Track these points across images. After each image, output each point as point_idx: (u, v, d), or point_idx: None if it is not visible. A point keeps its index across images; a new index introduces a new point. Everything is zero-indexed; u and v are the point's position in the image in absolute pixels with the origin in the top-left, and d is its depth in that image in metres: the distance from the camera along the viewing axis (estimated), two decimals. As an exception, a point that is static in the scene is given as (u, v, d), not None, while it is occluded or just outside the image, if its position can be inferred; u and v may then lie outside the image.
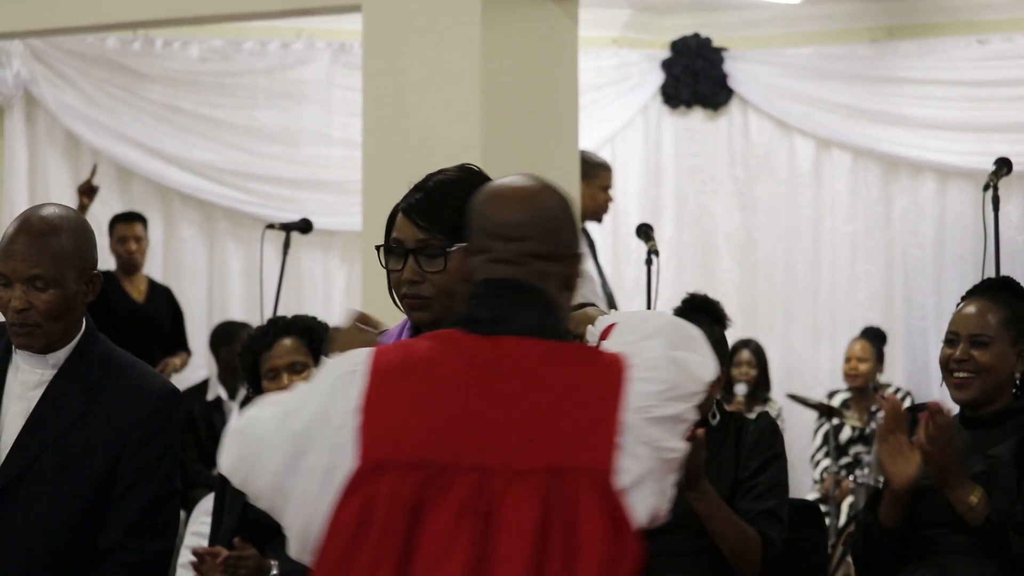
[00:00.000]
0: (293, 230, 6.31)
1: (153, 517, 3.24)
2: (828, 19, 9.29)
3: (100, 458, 3.21)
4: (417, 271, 2.88)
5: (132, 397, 3.25)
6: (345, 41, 8.98)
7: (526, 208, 2.45)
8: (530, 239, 2.43)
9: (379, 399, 2.36)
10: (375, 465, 2.32)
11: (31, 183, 8.88)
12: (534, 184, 2.50)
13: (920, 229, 9.12)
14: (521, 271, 2.43)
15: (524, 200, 2.46)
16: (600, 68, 9.34)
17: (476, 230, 2.47)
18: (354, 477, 2.32)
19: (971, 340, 3.87)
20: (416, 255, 2.89)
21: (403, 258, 2.91)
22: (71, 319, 3.24)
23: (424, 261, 2.88)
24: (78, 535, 3.21)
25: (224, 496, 4.68)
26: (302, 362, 4.62)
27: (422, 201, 2.97)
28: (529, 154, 6.06)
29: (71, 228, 3.22)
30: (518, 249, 2.42)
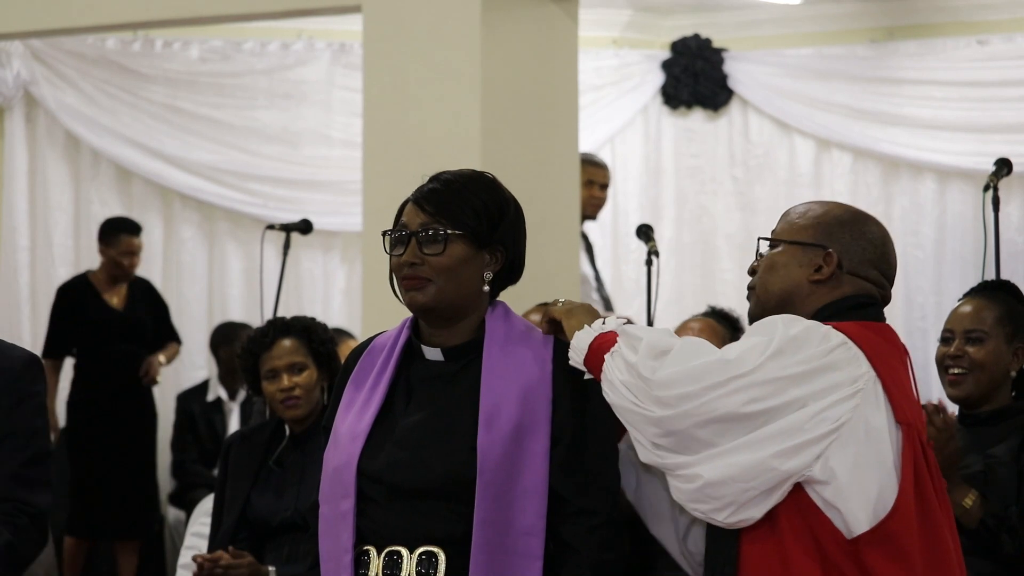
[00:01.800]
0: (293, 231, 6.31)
1: (31, 473, 3.47)
2: (828, 19, 9.28)
3: None
4: (417, 253, 2.97)
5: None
6: (345, 42, 8.98)
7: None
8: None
9: (886, 371, 2.88)
10: (908, 426, 2.88)
11: (31, 184, 8.88)
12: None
13: (920, 229, 9.12)
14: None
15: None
16: (600, 68, 9.34)
17: (874, 262, 3.09)
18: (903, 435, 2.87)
19: (965, 336, 3.88)
20: (417, 237, 2.98)
21: (405, 243, 2.99)
22: None
23: (425, 243, 2.97)
24: None
25: (223, 497, 4.69)
26: (301, 362, 4.62)
27: (433, 189, 3.07)
28: (529, 154, 6.06)
29: None
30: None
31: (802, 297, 3.03)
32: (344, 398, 3.07)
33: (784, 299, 3.02)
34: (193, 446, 8.60)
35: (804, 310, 3.00)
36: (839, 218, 3.07)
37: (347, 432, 3.01)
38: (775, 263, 3.06)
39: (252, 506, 4.60)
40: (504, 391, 2.92)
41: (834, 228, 3.06)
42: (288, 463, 4.64)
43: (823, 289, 3.02)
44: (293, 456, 4.64)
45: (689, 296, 8.77)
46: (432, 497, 2.92)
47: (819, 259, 3.02)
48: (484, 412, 2.90)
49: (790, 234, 3.06)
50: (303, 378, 4.61)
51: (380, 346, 3.07)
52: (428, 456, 2.93)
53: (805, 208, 3.10)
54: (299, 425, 4.65)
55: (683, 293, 8.95)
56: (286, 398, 4.59)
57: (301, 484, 4.58)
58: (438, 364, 3.02)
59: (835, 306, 3.01)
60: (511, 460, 2.88)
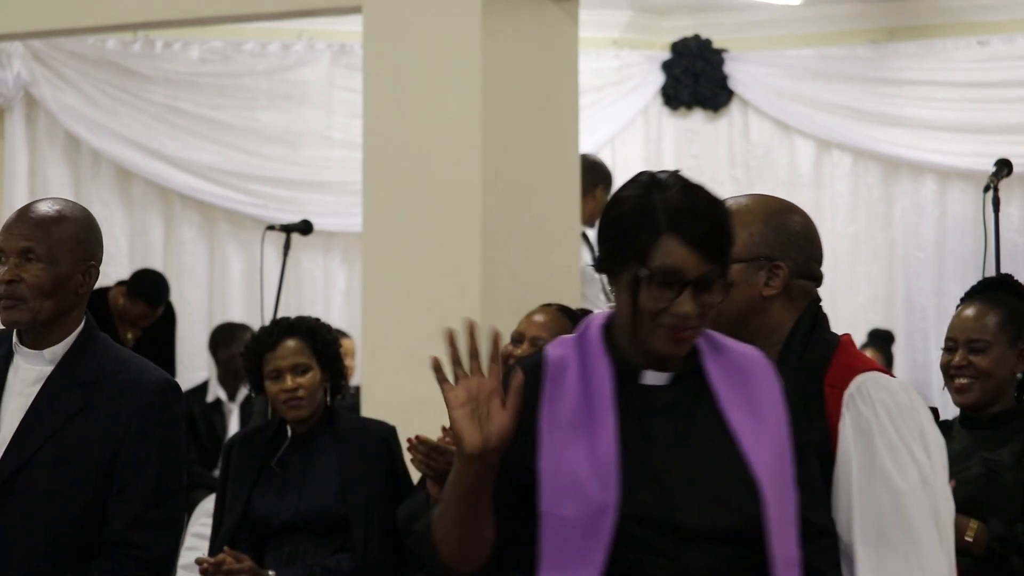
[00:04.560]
0: (293, 231, 6.31)
1: (157, 512, 3.22)
2: (828, 20, 9.29)
3: (98, 452, 3.20)
4: (699, 303, 2.59)
5: (130, 391, 3.24)
6: (345, 42, 8.98)
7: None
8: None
9: None
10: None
11: (31, 184, 8.87)
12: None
13: (921, 230, 9.13)
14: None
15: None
16: (600, 69, 9.34)
17: (811, 256, 2.91)
18: None
19: (968, 345, 3.87)
20: (697, 287, 2.59)
21: (676, 289, 2.58)
22: (62, 303, 3.24)
23: (703, 290, 2.59)
24: (78, 530, 3.20)
25: (224, 498, 4.68)
26: (305, 364, 4.62)
27: (711, 232, 2.63)
28: (529, 155, 6.05)
29: (75, 216, 3.27)
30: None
31: (758, 315, 2.91)
32: (545, 427, 2.57)
33: (739, 320, 2.89)
34: (193, 447, 8.59)
35: (764, 328, 2.90)
36: (773, 224, 2.95)
37: (581, 469, 2.54)
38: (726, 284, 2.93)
39: (253, 507, 4.59)
40: (751, 416, 2.65)
41: (773, 235, 2.94)
42: (290, 464, 4.64)
43: (778, 303, 2.91)
44: (295, 457, 4.64)
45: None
46: (718, 540, 2.55)
47: (765, 272, 2.91)
48: (746, 441, 2.60)
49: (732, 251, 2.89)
50: (307, 379, 4.61)
51: (561, 364, 2.63)
52: (712, 494, 2.56)
53: (735, 215, 2.89)
54: (301, 426, 4.65)
55: (683, 294, 8.94)
56: (289, 398, 4.59)
57: (302, 485, 4.59)
58: (662, 390, 2.62)
59: (805, 325, 2.93)
60: (779, 490, 2.61)
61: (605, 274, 2.64)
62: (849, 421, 2.79)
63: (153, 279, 8.19)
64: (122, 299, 8.04)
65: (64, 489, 3.19)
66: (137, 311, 8.04)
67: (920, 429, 2.79)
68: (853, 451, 2.76)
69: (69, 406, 3.22)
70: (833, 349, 2.89)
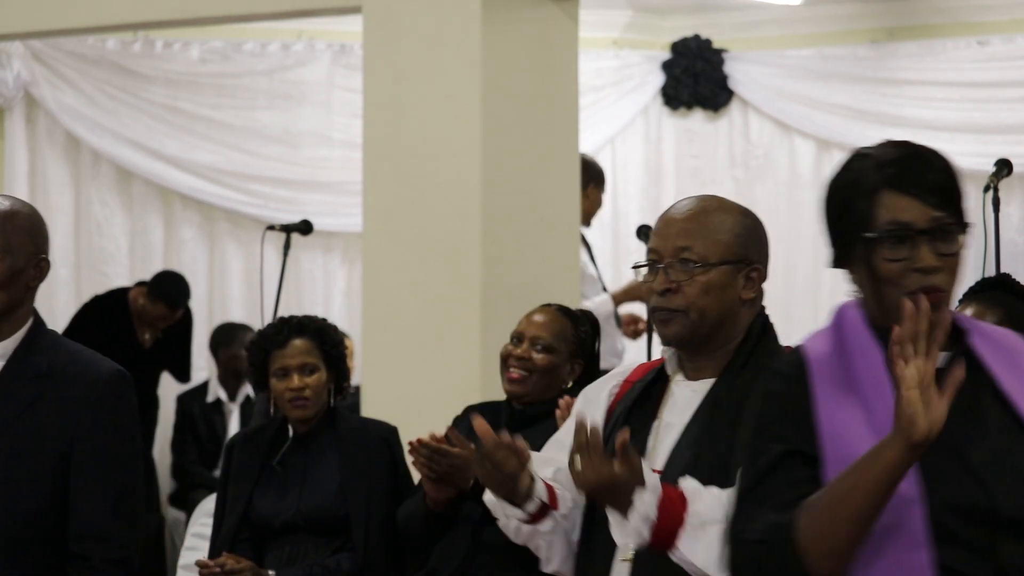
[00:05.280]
0: (293, 231, 6.31)
1: (123, 504, 3.23)
2: (828, 20, 9.28)
3: (52, 444, 3.20)
4: (938, 254, 2.37)
5: (82, 382, 3.25)
6: (345, 42, 8.97)
7: None
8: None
9: None
10: None
11: (31, 184, 8.87)
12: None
13: (920, 230, 9.12)
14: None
15: None
16: (600, 69, 9.34)
17: (767, 258, 2.94)
18: None
19: None
20: (932, 238, 2.37)
21: (909, 244, 2.37)
22: (15, 296, 3.25)
23: (942, 243, 2.37)
24: (38, 522, 3.20)
25: (225, 497, 4.69)
26: (313, 364, 4.62)
27: (931, 178, 2.41)
28: (529, 155, 6.05)
29: (26, 211, 3.30)
30: None
31: (734, 318, 2.92)
32: (824, 413, 2.37)
33: (719, 323, 2.90)
34: (193, 447, 8.60)
35: (734, 332, 2.91)
36: (748, 226, 2.96)
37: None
38: (711, 285, 2.91)
39: (254, 507, 4.60)
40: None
41: (749, 237, 2.94)
42: (291, 464, 4.64)
43: (746, 307, 2.93)
44: (296, 457, 4.64)
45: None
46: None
47: (745, 275, 2.92)
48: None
49: (718, 252, 2.92)
50: (313, 379, 4.61)
51: (826, 355, 2.43)
52: (1020, 476, 2.37)
53: (704, 215, 2.94)
54: (303, 426, 4.65)
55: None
56: (295, 398, 4.59)
57: (304, 485, 4.59)
58: (938, 372, 2.31)
59: (757, 329, 2.93)
60: None
61: (843, 269, 2.45)
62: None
63: (175, 281, 8.21)
64: (142, 300, 8.05)
65: (20, 482, 3.19)
66: (157, 312, 8.04)
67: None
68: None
69: (22, 399, 3.23)
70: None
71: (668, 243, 2.95)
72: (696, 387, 2.95)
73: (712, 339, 2.90)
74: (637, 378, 3.09)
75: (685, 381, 2.97)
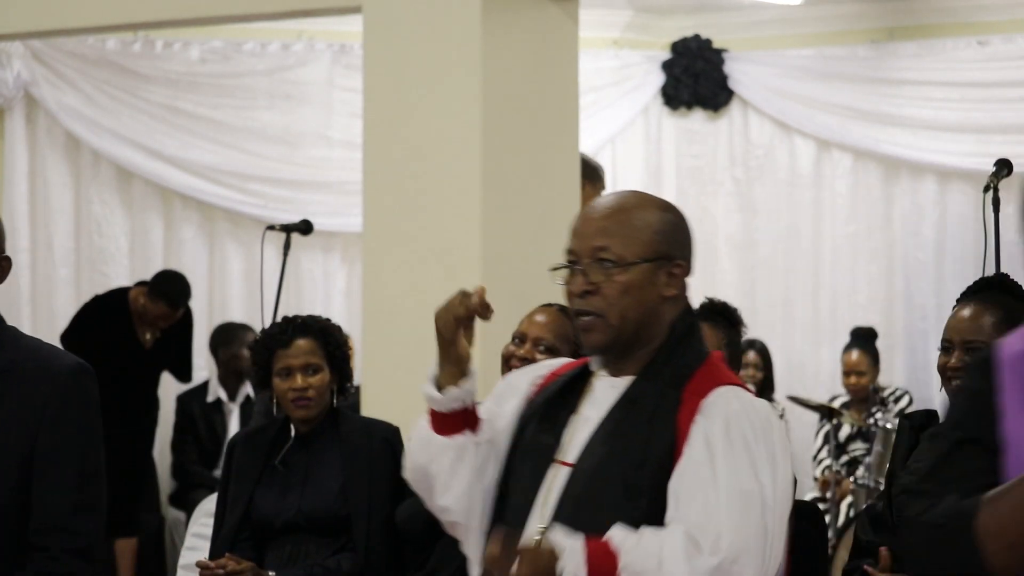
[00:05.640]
0: (293, 231, 6.31)
1: (85, 495, 3.22)
2: (828, 20, 9.29)
3: (16, 440, 3.20)
4: None
5: (44, 377, 3.23)
6: (345, 42, 8.98)
7: None
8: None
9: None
10: None
11: (31, 184, 8.87)
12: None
13: (920, 230, 9.13)
14: None
15: None
16: (600, 69, 9.34)
17: (691, 252, 2.91)
18: None
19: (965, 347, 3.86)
20: None
21: None
22: None
23: None
24: (5, 516, 3.19)
25: (227, 496, 4.69)
26: (317, 364, 4.62)
27: None
28: (529, 155, 6.05)
29: None
30: None
31: (657, 316, 2.86)
32: (1011, 407, 2.28)
33: (641, 323, 2.85)
34: (193, 447, 8.61)
35: (658, 329, 2.87)
36: (668, 221, 2.91)
37: None
38: (631, 285, 2.84)
39: (255, 506, 4.60)
40: None
41: (670, 233, 2.90)
42: (292, 463, 4.64)
43: (669, 304, 2.88)
44: (298, 456, 4.64)
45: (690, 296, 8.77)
46: None
47: (666, 271, 2.87)
48: None
49: (636, 250, 2.86)
50: (317, 379, 4.61)
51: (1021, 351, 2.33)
52: None
53: (622, 213, 2.88)
54: (305, 425, 4.65)
55: (683, 294, 8.93)
56: (298, 398, 4.59)
57: (305, 485, 4.59)
58: None
59: (682, 325, 2.89)
60: None
61: None
62: (700, 430, 2.76)
63: (175, 280, 8.20)
64: (143, 299, 8.05)
65: None
66: (158, 312, 8.04)
67: (771, 453, 2.75)
68: (695, 460, 2.73)
69: None
70: (702, 360, 2.87)
71: (585, 243, 2.86)
72: (617, 383, 2.90)
73: (635, 340, 2.86)
74: (563, 373, 3.05)
75: (607, 377, 2.92)
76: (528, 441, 2.95)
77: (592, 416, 2.89)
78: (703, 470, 2.72)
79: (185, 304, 8.15)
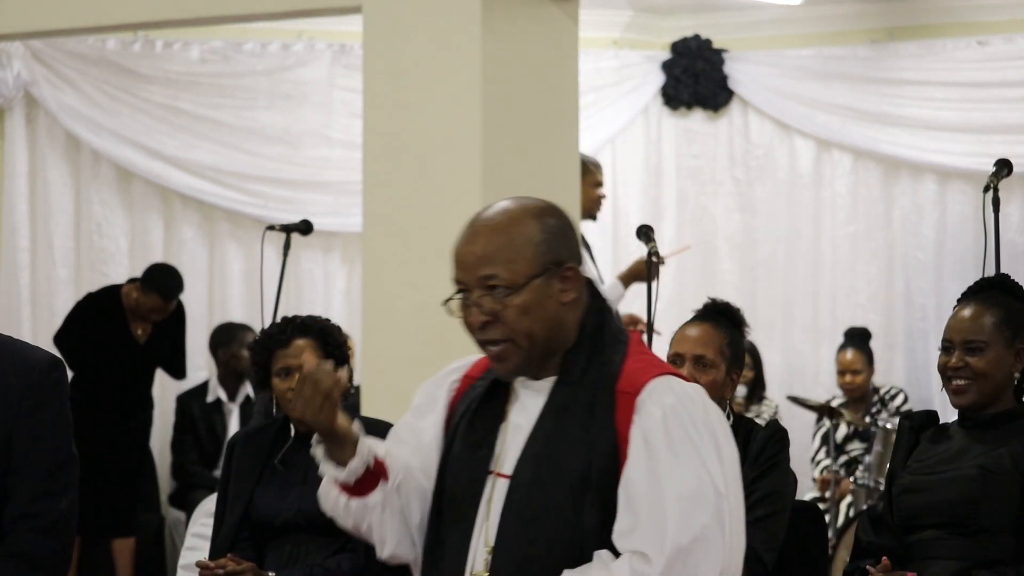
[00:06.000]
0: (293, 231, 6.31)
1: (54, 482, 3.33)
2: (828, 20, 9.29)
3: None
4: None
5: (18, 370, 3.33)
6: (345, 42, 8.98)
7: None
8: None
9: None
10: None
11: (31, 184, 8.87)
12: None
13: (920, 230, 9.13)
14: None
15: None
16: (600, 69, 9.34)
17: (578, 246, 2.85)
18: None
19: (965, 347, 3.86)
20: None
21: None
22: None
23: None
24: None
25: (227, 495, 4.69)
26: (315, 364, 4.62)
27: None
28: (529, 155, 6.05)
29: None
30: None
31: (562, 324, 2.82)
32: None
33: (550, 336, 2.81)
34: (193, 447, 8.61)
35: (568, 334, 2.83)
36: (549, 227, 2.84)
37: None
38: (528, 305, 2.78)
39: (255, 506, 4.60)
40: None
41: (554, 239, 2.83)
42: (292, 463, 4.64)
43: (572, 307, 2.84)
44: (298, 456, 4.64)
45: (690, 297, 8.76)
46: None
47: (559, 277, 2.81)
48: None
49: (524, 270, 2.79)
50: (315, 379, 4.60)
51: None
52: None
53: (499, 235, 2.83)
54: (304, 425, 4.65)
55: (684, 294, 8.95)
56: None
57: (305, 484, 4.58)
58: None
59: (591, 321, 2.85)
60: None
61: None
62: (639, 427, 2.74)
63: (167, 272, 8.19)
64: (135, 294, 8.04)
65: None
66: (151, 304, 8.02)
67: (713, 437, 2.74)
68: (641, 458, 2.71)
69: None
70: (624, 351, 2.84)
71: (472, 275, 2.81)
72: (540, 386, 2.85)
73: (547, 351, 2.82)
74: (478, 374, 2.98)
75: (529, 381, 2.88)
76: (458, 455, 2.89)
77: (522, 423, 2.85)
78: (646, 473, 2.70)
79: (177, 296, 8.12)
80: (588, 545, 2.72)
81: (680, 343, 4.19)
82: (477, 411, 2.92)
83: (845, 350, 8.57)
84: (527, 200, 2.89)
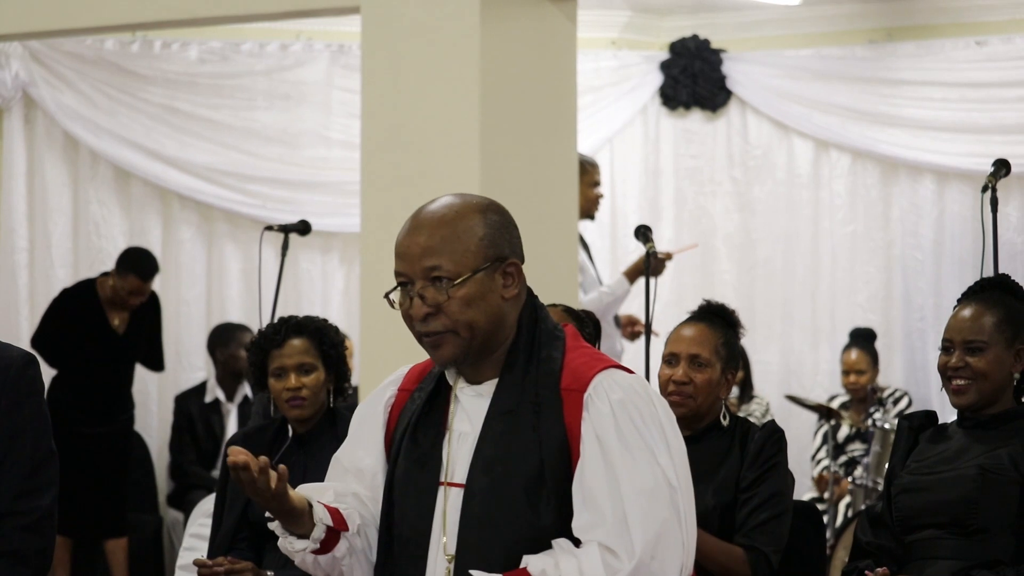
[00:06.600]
0: (292, 232, 6.31)
1: (36, 479, 3.34)
2: (827, 20, 9.29)
3: None
4: None
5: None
6: (344, 43, 8.98)
7: None
8: None
9: None
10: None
11: (29, 185, 8.87)
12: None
13: (919, 230, 9.13)
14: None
15: None
16: (599, 69, 9.34)
17: (519, 241, 2.85)
18: None
19: (965, 347, 3.86)
20: None
21: None
22: None
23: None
24: None
25: (224, 497, 4.68)
26: (311, 363, 4.62)
27: None
28: (527, 156, 6.06)
29: None
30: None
31: (503, 319, 2.82)
32: None
33: (490, 330, 2.81)
34: (191, 447, 8.60)
35: (507, 331, 2.83)
36: (493, 223, 2.84)
37: None
38: (471, 297, 2.79)
39: (253, 506, 4.59)
40: None
41: (497, 234, 2.83)
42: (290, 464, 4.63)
43: (512, 303, 2.84)
44: (296, 457, 4.64)
45: (688, 297, 8.76)
46: None
47: (501, 272, 2.82)
48: None
49: (468, 262, 2.79)
50: (311, 379, 4.60)
51: None
52: None
53: (444, 227, 2.81)
54: (302, 425, 4.65)
55: (682, 294, 8.95)
56: (292, 397, 4.58)
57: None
58: None
59: (527, 320, 2.85)
60: None
61: None
62: (589, 424, 2.75)
63: (141, 253, 8.15)
64: (112, 281, 7.99)
65: None
66: (129, 286, 7.96)
67: (661, 430, 2.75)
68: (595, 455, 2.72)
69: None
70: (562, 347, 2.84)
71: (415, 266, 2.80)
72: (481, 390, 2.86)
73: (486, 347, 2.82)
74: (413, 386, 2.99)
75: (468, 386, 2.88)
76: (404, 472, 2.89)
77: (467, 430, 2.85)
78: (603, 471, 2.71)
79: (153, 276, 8.06)
80: (548, 544, 2.73)
81: (675, 343, 4.19)
82: (418, 424, 2.91)
83: (850, 350, 8.57)
84: (470, 196, 2.89)
